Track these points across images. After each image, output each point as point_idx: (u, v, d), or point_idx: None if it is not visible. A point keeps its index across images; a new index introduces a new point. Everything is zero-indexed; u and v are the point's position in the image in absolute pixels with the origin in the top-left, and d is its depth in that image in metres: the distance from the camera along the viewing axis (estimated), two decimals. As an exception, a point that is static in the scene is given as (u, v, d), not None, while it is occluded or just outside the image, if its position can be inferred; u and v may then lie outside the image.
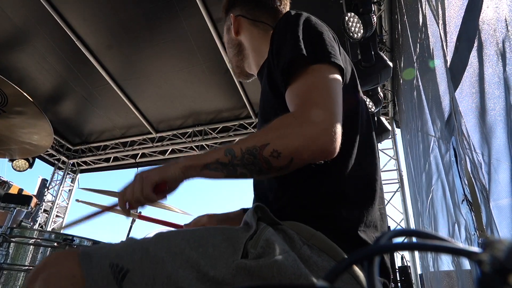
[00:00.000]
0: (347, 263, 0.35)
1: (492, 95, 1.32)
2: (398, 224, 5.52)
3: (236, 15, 1.18)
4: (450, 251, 0.29)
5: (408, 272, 3.57)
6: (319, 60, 0.80)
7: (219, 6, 1.28)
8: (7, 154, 2.08)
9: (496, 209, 1.40)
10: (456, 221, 2.35)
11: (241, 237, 0.74)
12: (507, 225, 1.27)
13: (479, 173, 1.54)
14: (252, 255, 0.70)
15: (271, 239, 0.71)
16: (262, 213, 0.79)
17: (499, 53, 1.23)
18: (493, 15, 1.28)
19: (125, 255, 0.73)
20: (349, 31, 3.02)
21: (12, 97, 1.67)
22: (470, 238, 1.99)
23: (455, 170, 2.14)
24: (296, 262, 0.68)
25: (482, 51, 1.40)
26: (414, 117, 3.66)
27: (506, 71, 1.16)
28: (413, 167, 4.39)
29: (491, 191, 1.42)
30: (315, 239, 0.74)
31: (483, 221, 1.67)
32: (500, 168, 1.29)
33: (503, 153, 1.23)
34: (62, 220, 7.41)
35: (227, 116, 6.17)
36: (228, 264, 0.69)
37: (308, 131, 0.70)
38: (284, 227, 0.77)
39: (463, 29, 1.64)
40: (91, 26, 4.37)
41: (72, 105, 5.98)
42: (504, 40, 1.18)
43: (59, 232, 2.19)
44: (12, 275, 1.79)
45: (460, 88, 1.72)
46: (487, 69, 1.36)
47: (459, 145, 1.89)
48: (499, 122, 1.25)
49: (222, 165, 0.74)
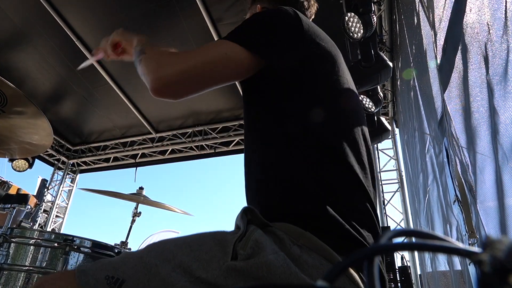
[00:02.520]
0: (346, 263, 0.34)
1: (476, 97, 1.33)
2: (398, 224, 5.51)
3: (263, 6, 1.20)
4: (450, 251, 0.29)
5: (408, 272, 3.56)
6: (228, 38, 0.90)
7: (219, 6, 1.28)
8: (7, 154, 2.08)
9: (482, 210, 1.40)
10: (448, 222, 2.36)
11: (230, 239, 0.76)
12: (493, 226, 1.28)
13: (467, 174, 1.55)
14: (241, 256, 0.71)
15: (260, 239, 0.73)
16: (252, 215, 0.80)
17: (482, 56, 1.24)
18: (476, 18, 1.29)
19: (119, 266, 0.75)
20: (349, 31, 3.02)
21: (12, 97, 1.67)
22: (461, 239, 2.00)
23: (447, 170, 2.15)
24: (285, 261, 0.69)
25: (466, 54, 1.41)
26: (411, 118, 3.67)
27: (489, 74, 1.16)
28: (411, 168, 4.39)
29: (478, 192, 1.43)
30: (304, 239, 0.75)
31: (473, 222, 1.68)
32: (485, 170, 1.30)
33: (488, 154, 1.24)
34: (62, 220, 7.41)
35: (227, 116, 6.17)
36: (219, 266, 0.71)
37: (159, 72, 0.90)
38: (273, 229, 0.78)
39: (449, 32, 1.65)
40: (91, 26, 4.37)
41: (72, 105, 5.99)
42: (486, 43, 1.19)
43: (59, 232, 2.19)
44: (12, 275, 1.79)
45: (448, 90, 1.73)
46: (471, 71, 1.37)
47: (450, 146, 1.90)
48: (483, 124, 1.26)
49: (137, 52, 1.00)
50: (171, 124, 6.45)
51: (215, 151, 6.51)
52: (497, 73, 1.10)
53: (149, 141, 6.79)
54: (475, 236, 1.78)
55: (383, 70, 3.44)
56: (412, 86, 3.28)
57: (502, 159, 1.08)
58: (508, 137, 1.03)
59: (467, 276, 1.97)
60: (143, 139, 6.78)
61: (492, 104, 1.14)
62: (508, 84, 1.02)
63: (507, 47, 1.02)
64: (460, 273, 2.22)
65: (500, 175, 1.11)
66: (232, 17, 4.10)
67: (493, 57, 1.14)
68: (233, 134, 6.33)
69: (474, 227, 1.71)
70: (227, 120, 6.23)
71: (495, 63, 1.12)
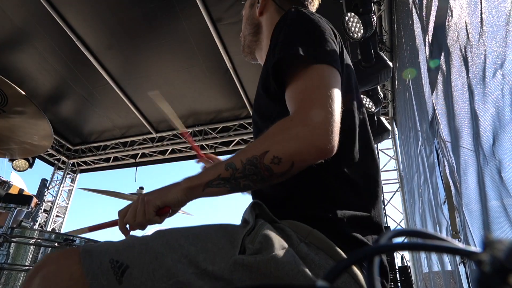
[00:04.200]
0: (347, 263, 0.35)
1: (458, 99, 1.34)
2: (398, 224, 5.51)
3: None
4: (450, 251, 0.30)
5: (408, 272, 3.56)
6: (317, 60, 0.79)
7: (219, 6, 1.28)
8: (7, 154, 2.09)
9: (467, 211, 1.41)
10: (437, 222, 2.37)
11: (239, 232, 0.73)
12: (478, 226, 1.29)
13: (454, 176, 1.56)
14: (250, 250, 0.69)
15: (269, 234, 0.71)
16: (260, 210, 0.79)
17: (462, 58, 1.25)
18: (457, 22, 1.30)
19: (124, 251, 0.73)
20: (349, 31, 3.02)
21: (12, 97, 1.68)
22: None
23: (437, 171, 2.17)
24: (294, 258, 0.68)
25: (449, 56, 1.42)
26: (406, 118, 3.68)
27: (469, 77, 1.17)
28: (407, 168, 4.40)
29: (462, 193, 1.44)
30: (312, 237, 0.74)
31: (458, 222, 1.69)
32: (468, 172, 1.31)
33: (470, 157, 1.25)
34: (62, 220, 7.41)
35: (227, 116, 6.16)
36: (226, 259, 0.68)
37: (305, 133, 0.70)
38: (281, 225, 0.77)
39: (434, 34, 1.66)
40: (91, 26, 4.36)
41: (72, 105, 5.98)
42: (466, 46, 1.20)
43: (60, 232, 2.19)
44: (12, 275, 1.79)
45: (435, 91, 1.74)
46: (454, 74, 1.38)
47: (439, 147, 1.91)
48: (465, 126, 1.27)
49: (225, 180, 0.74)
50: (171, 124, 6.43)
51: (215, 151, 6.51)
52: (476, 76, 1.11)
53: (149, 141, 6.78)
54: (458, 236, 1.79)
55: (383, 70, 3.44)
56: (407, 87, 3.29)
57: (483, 161, 1.09)
58: (487, 139, 1.04)
59: (457, 276, 1.98)
60: (143, 139, 6.78)
61: (473, 106, 1.15)
62: (487, 87, 1.03)
63: (484, 51, 1.03)
64: (450, 273, 2.23)
65: (482, 177, 1.12)
66: (232, 17, 4.10)
67: (472, 60, 1.15)
68: (233, 134, 6.32)
69: (458, 228, 1.73)
70: (227, 120, 6.22)
71: (474, 67, 1.13)
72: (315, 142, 0.70)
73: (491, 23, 0.95)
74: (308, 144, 0.70)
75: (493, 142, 0.96)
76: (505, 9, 0.87)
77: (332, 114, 0.72)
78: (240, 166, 0.73)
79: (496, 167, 0.94)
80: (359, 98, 0.97)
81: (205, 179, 0.76)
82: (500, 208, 0.96)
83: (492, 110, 0.96)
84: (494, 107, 0.95)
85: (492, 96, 0.96)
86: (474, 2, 1.05)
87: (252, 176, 0.72)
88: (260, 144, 0.73)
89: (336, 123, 0.72)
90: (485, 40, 1.00)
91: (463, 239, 1.64)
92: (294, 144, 0.70)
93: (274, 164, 0.70)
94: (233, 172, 0.73)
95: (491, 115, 0.98)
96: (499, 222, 0.99)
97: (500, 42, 0.89)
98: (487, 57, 0.99)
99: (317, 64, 0.79)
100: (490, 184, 1.03)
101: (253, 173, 0.72)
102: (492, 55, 0.95)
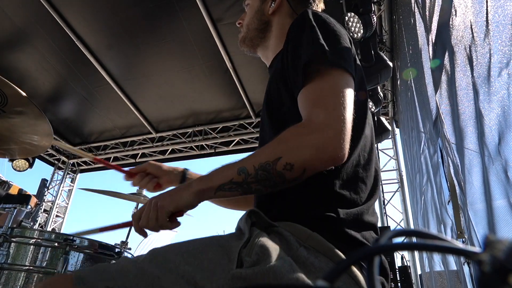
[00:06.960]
0: (346, 263, 0.34)
1: (462, 98, 1.34)
2: (398, 224, 5.51)
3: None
4: (450, 251, 0.29)
5: (408, 272, 3.57)
6: (334, 65, 0.79)
7: (219, 6, 1.25)
8: (7, 154, 2.08)
9: (472, 211, 1.41)
10: (442, 222, 2.37)
11: (234, 245, 0.72)
12: (482, 226, 1.29)
13: (459, 175, 1.56)
14: (247, 263, 0.68)
15: (266, 244, 0.70)
16: (256, 217, 0.78)
17: (467, 58, 1.25)
18: (461, 21, 1.30)
19: (119, 277, 0.72)
20: (349, 31, 3.02)
21: (12, 97, 1.67)
22: (455, 239, 2.01)
23: (441, 171, 2.17)
24: (292, 267, 0.67)
25: (453, 56, 1.42)
26: (409, 118, 3.68)
27: (474, 76, 1.17)
28: (410, 167, 4.41)
29: (467, 193, 1.44)
30: (311, 240, 0.73)
31: (462, 222, 1.69)
32: (473, 172, 1.31)
33: (474, 156, 1.25)
34: (62, 220, 7.41)
35: (227, 116, 6.16)
36: (224, 275, 0.68)
37: (318, 141, 0.71)
38: (279, 229, 0.76)
39: (438, 33, 1.66)
40: (91, 26, 4.36)
41: (72, 105, 5.98)
42: (470, 46, 1.20)
43: (60, 232, 2.19)
44: (12, 275, 1.79)
45: (439, 91, 1.74)
46: (458, 73, 1.38)
47: (443, 147, 1.91)
48: (469, 125, 1.27)
49: (237, 184, 0.75)
50: (171, 124, 6.45)
51: (215, 151, 6.51)
52: (481, 75, 1.11)
53: (149, 141, 6.78)
54: (464, 236, 1.80)
55: (383, 70, 3.44)
56: (409, 86, 3.29)
57: (488, 161, 1.09)
58: (492, 139, 1.04)
59: (462, 276, 1.98)
60: (143, 139, 6.78)
61: (477, 106, 1.15)
62: (492, 86, 1.03)
63: (489, 50, 1.03)
64: (455, 273, 2.23)
65: (487, 176, 1.12)
66: (232, 17, 4.10)
67: (477, 59, 1.15)
68: (233, 134, 6.32)
69: (462, 228, 1.73)
70: (227, 120, 6.22)
71: (479, 66, 1.13)
72: (327, 151, 0.71)
73: (496, 22, 0.95)
74: (321, 152, 0.71)
75: (499, 142, 0.96)
76: (511, 8, 0.87)
77: (344, 122, 0.73)
78: (253, 171, 0.73)
79: (502, 166, 0.94)
80: (368, 102, 0.97)
81: (217, 182, 0.77)
82: (506, 207, 0.96)
83: (497, 109, 0.96)
84: (499, 106, 0.95)
85: (498, 95, 0.96)
86: (480, 1, 1.05)
87: (264, 181, 0.73)
88: (273, 149, 0.73)
89: (348, 131, 0.73)
90: (490, 39, 1.00)
91: (468, 238, 1.64)
92: (307, 151, 0.71)
93: (286, 170, 0.71)
94: (245, 177, 0.74)
95: (496, 114, 0.98)
96: (506, 221, 0.99)
97: (506, 41, 0.89)
98: (493, 56, 0.99)
99: (333, 68, 0.80)
100: (496, 184, 1.03)
101: (266, 179, 0.72)
102: (497, 54, 0.95)
